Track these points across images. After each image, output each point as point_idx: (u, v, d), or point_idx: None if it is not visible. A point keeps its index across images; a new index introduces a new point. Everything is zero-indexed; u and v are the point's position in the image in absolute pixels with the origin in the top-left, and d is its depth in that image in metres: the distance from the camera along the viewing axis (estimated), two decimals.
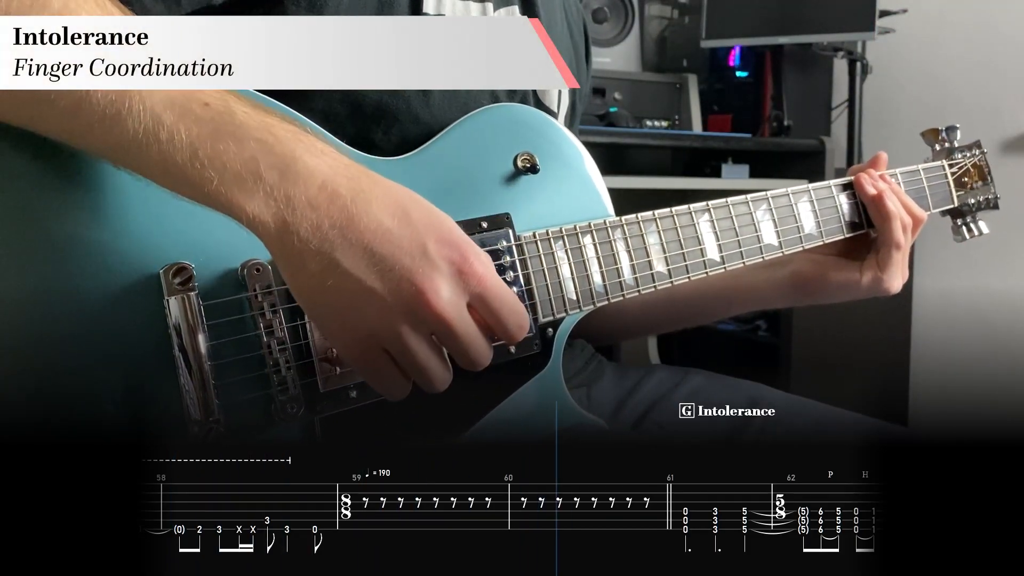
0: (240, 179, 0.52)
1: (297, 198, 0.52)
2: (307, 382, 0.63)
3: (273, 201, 0.52)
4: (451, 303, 0.53)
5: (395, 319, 0.53)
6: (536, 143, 0.74)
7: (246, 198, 0.52)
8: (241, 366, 0.61)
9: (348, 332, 0.54)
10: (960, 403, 2.18)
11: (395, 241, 0.52)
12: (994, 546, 0.58)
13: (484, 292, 0.55)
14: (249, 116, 0.53)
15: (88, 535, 0.55)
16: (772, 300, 0.92)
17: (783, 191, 0.83)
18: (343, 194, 0.52)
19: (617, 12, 2.24)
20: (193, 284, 0.59)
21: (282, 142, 0.53)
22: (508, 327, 0.57)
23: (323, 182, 0.52)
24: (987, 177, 0.98)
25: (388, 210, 0.53)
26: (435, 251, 0.53)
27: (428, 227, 0.53)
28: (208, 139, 0.52)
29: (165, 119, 0.52)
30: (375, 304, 0.53)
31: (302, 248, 0.52)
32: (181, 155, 0.52)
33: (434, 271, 0.53)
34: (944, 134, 0.97)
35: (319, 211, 0.52)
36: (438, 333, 0.55)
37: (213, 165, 0.52)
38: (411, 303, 0.53)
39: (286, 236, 0.52)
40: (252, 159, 0.52)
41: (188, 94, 0.53)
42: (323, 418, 0.64)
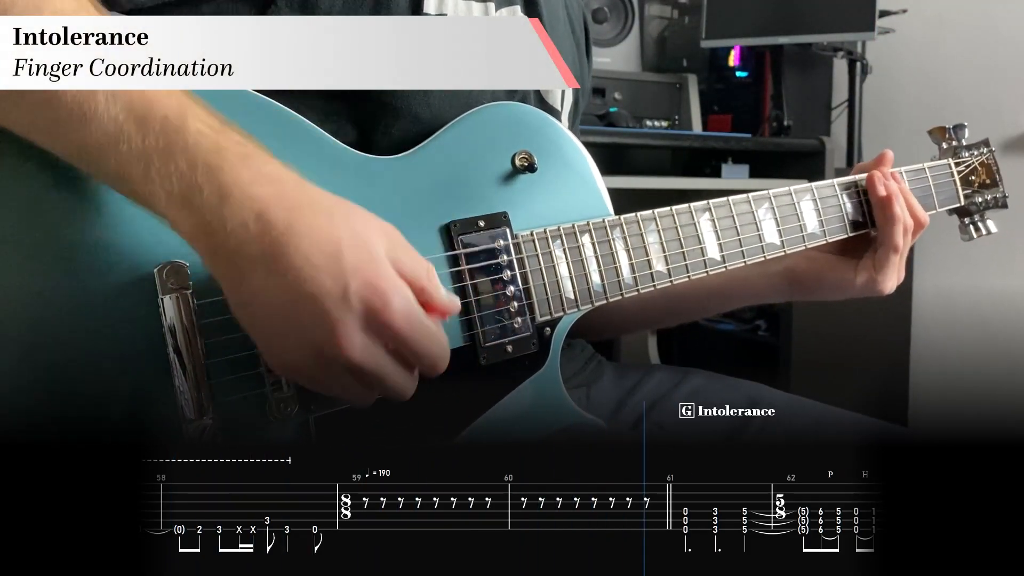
0: (185, 199, 0.53)
1: (232, 228, 0.52)
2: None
3: (210, 226, 0.52)
4: (363, 347, 0.53)
5: (312, 356, 0.54)
6: (534, 142, 0.74)
7: (186, 219, 0.53)
8: (235, 365, 0.61)
9: (275, 356, 0.56)
10: (960, 403, 2.18)
11: (318, 281, 0.52)
12: (994, 546, 0.58)
13: (399, 336, 0.54)
14: (202, 136, 0.53)
15: (87, 535, 0.55)
16: (766, 295, 0.92)
17: (785, 189, 0.83)
18: (277, 226, 0.52)
19: (617, 12, 2.24)
20: (188, 283, 0.59)
21: (229, 168, 0.53)
22: (424, 366, 0.57)
23: (260, 212, 0.52)
24: (995, 176, 0.97)
25: (319, 246, 0.53)
26: (355, 295, 0.52)
27: (355, 269, 0.53)
28: (161, 155, 0.52)
29: (125, 129, 0.53)
30: (294, 338, 0.54)
31: (232, 275, 0.53)
32: (136, 168, 0.53)
33: (350, 316, 0.52)
34: (951, 132, 0.96)
35: (251, 243, 0.52)
36: (353, 375, 0.55)
37: (163, 183, 0.52)
38: (325, 345, 0.53)
39: (219, 261, 0.53)
40: (197, 184, 0.52)
41: (150, 103, 0.53)
42: (318, 417, 0.64)
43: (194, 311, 0.59)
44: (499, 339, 0.70)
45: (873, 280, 0.86)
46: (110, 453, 0.56)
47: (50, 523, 0.54)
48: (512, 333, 0.70)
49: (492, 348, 0.70)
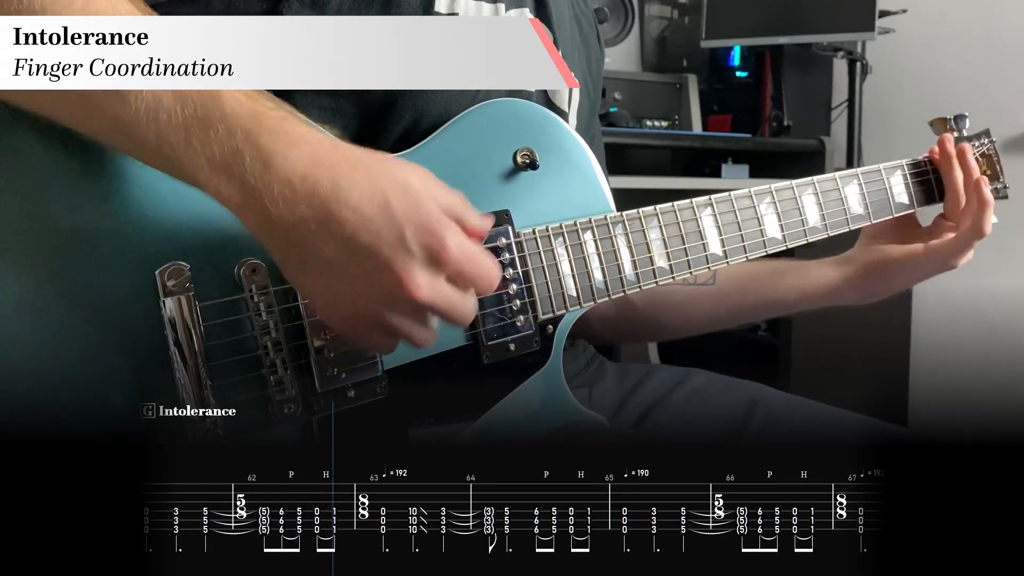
0: (227, 168, 0.53)
1: (279, 191, 0.53)
2: (304, 382, 0.63)
3: (257, 193, 0.53)
4: (429, 287, 0.55)
5: (379, 303, 0.56)
6: (536, 138, 0.74)
7: (232, 188, 0.54)
8: (238, 367, 0.61)
9: (336, 312, 0.57)
10: (960, 403, 2.18)
11: (374, 231, 0.54)
12: (994, 546, 0.58)
13: (458, 269, 0.57)
14: (238, 103, 0.54)
15: (89, 535, 0.55)
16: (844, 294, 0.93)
17: (787, 184, 0.83)
18: (324, 185, 0.54)
19: (617, 12, 2.24)
20: (189, 285, 0.59)
21: (267, 132, 0.54)
22: (481, 287, 0.59)
23: (304, 174, 0.54)
24: (996, 167, 0.97)
25: (367, 198, 0.54)
26: (412, 239, 0.55)
27: (406, 215, 0.55)
28: (201, 124, 0.53)
29: (164, 99, 0.53)
30: (358, 290, 0.55)
31: (285, 238, 0.54)
32: (176, 137, 0.53)
33: (412, 260, 0.55)
34: (952, 123, 0.96)
35: (300, 204, 0.53)
36: (420, 312, 0.57)
37: (204, 152, 0.53)
38: (392, 290, 0.55)
39: (270, 227, 0.54)
40: (238, 150, 0.53)
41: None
42: (320, 418, 0.64)
43: (195, 313, 0.59)
44: (501, 338, 0.70)
45: (947, 265, 0.89)
46: (109, 453, 0.56)
47: (48, 522, 0.54)
48: (514, 331, 0.70)
49: (494, 347, 0.70)
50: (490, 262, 0.59)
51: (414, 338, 0.58)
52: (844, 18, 2.10)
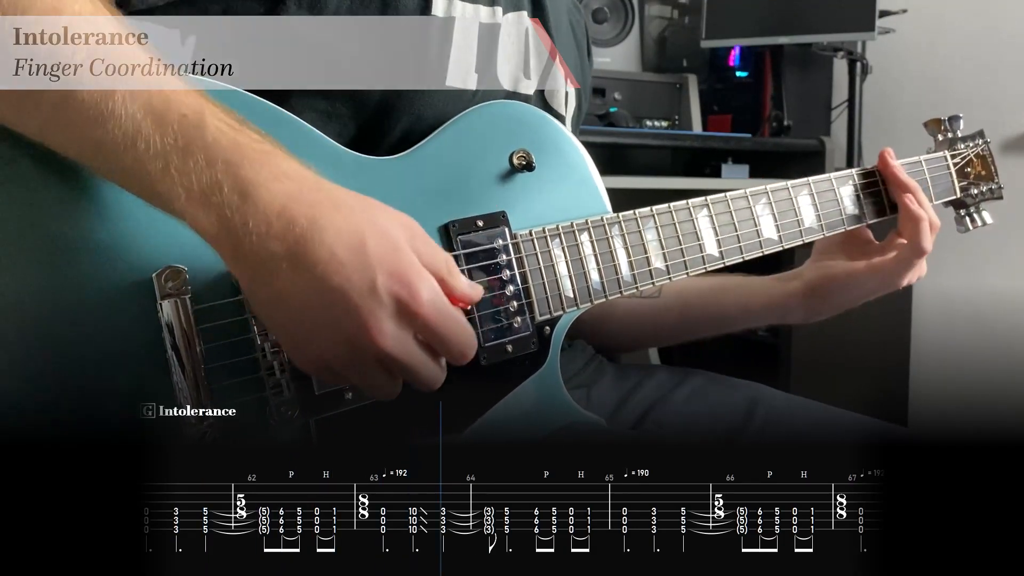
0: (204, 198, 0.52)
1: (254, 224, 0.52)
2: (302, 385, 0.63)
3: (232, 225, 0.52)
4: (395, 338, 0.54)
5: (342, 349, 0.54)
6: (532, 140, 0.74)
7: (209, 219, 0.53)
8: (235, 370, 0.61)
9: (299, 352, 0.56)
10: (960, 403, 2.18)
11: (344, 274, 0.53)
12: (994, 546, 0.57)
13: (427, 325, 0.55)
14: (221, 133, 0.53)
15: (87, 535, 0.54)
16: (786, 308, 0.92)
17: (782, 184, 0.83)
18: (300, 222, 0.52)
19: (617, 12, 2.24)
20: (186, 288, 0.59)
21: (249, 164, 0.53)
22: (452, 354, 0.58)
23: (281, 209, 0.53)
24: (991, 167, 0.97)
25: (343, 241, 0.53)
26: (383, 287, 0.53)
27: (381, 261, 0.53)
28: (180, 153, 0.52)
29: (144, 127, 0.52)
30: (322, 334, 0.54)
31: (255, 273, 0.53)
32: (154, 166, 0.52)
33: (380, 308, 0.53)
34: (947, 124, 0.96)
35: (274, 239, 0.52)
36: (384, 365, 0.56)
37: (182, 181, 0.52)
38: (356, 338, 0.54)
39: (241, 260, 0.53)
40: (216, 181, 0.52)
41: (167, 102, 0.53)
42: (318, 420, 0.64)
43: (193, 315, 0.59)
44: (499, 339, 0.70)
45: (890, 284, 0.88)
46: (107, 456, 0.56)
47: (48, 523, 0.54)
48: (512, 333, 0.70)
49: (492, 348, 0.70)
50: (466, 329, 0.58)
51: (376, 390, 0.57)
52: (844, 18, 2.10)
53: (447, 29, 0.74)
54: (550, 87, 0.86)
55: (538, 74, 0.85)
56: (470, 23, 0.76)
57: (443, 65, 0.74)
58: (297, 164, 0.56)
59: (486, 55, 0.77)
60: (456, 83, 0.75)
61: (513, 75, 0.81)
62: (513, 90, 0.81)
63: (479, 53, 0.76)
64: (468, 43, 0.75)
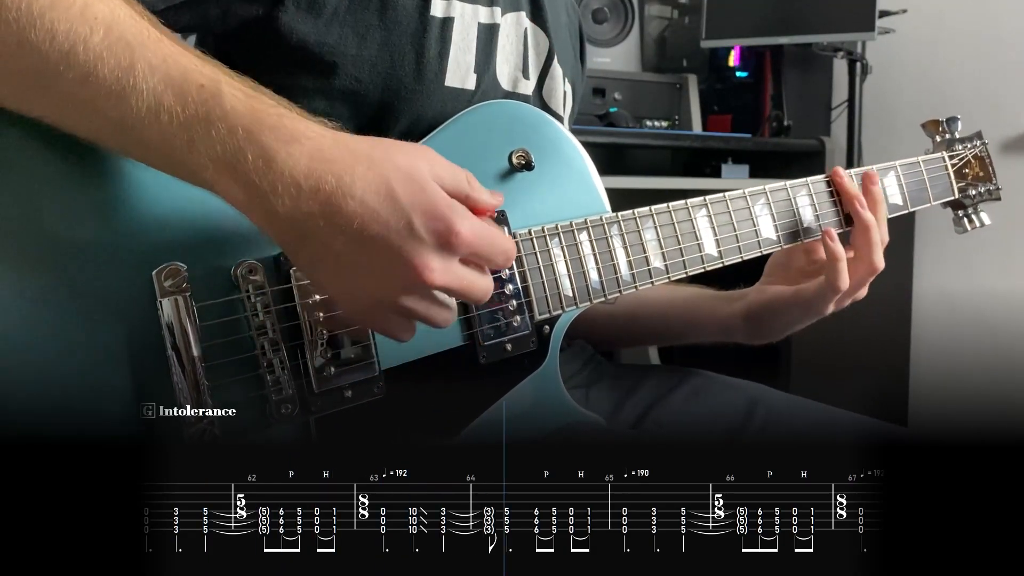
0: (231, 167, 0.53)
1: (283, 188, 0.53)
2: (301, 382, 0.63)
3: (261, 191, 0.53)
4: (443, 271, 0.56)
5: (395, 291, 0.56)
6: (531, 140, 0.74)
7: (238, 187, 0.54)
8: (235, 367, 0.61)
9: (352, 303, 0.58)
10: (960, 403, 2.18)
11: (382, 221, 0.54)
12: (994, 546, 0.57)
13: (471, 250, 0.57)
14: (237, 100, 0.54)
15: (87, 535, 0.54)
16: (729, 328, 0.90)
17: (781, 185, 0.83)
18: (327, 180, 0.54)
19: (617, 12, 2.24)
20: (186, 286, 0.59)
21: (268, 130, 0.54)
22: (498, 263, 0.60)
23: (307, 170, 0.54)
24: (988, 168, 0.97)
25: (372, 190, 0.54)
26: (421, 226, 0.55)
27: (413, 203, 0.55)
28: (202, 123, 0.53)
29: (165, 100, 0.53)
30: (373, 281, 0.56)
31: (294, 235, 0.54)
32: (179, 138, 0.53)
33: (423, 246, 0.55)
34: (944, 125, 0.96)
35: (306, 200, 0.53)
36: (437, 296, 0.58)
37: (207, 151, 0.53)
38: (407, 278, 0.55)
39: (277, 224, 0.54)
40: (240, 148, 0.53)
41: (185, 73, 0.54)
42: (318, 418, 0.63)
43: (192, 313, 0.59)
44: (498, 338, 0.70)
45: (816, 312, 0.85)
46: (107, 455, 0.56)
47: (51, 523, 0.54)
48: (511, 332, 0.70)
49: (491, 347, 0.70)
50: (502, 237, 0.60)
51: (433, 320, 0.59)
52: (844, 18, 2.10)
53: (446, 29, 0.74)
54: (548, 87, 0.86)
55: (537, 74, 0.85)
56: (469, 23, 0.76)
57: (442, 65, 0.74)
58: (311, 123, 0.57)
59: (485, 55, 0.77)
60: (455, 83, 0.75)
61: (512, 75, 0.81)
62: (512, 90, 0.81)
63: (478, 53, 0.76)
64: (467, 43, 0.75)
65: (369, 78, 0.71)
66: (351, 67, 0.70)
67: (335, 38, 0.69)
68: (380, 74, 0.71)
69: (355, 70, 0.70)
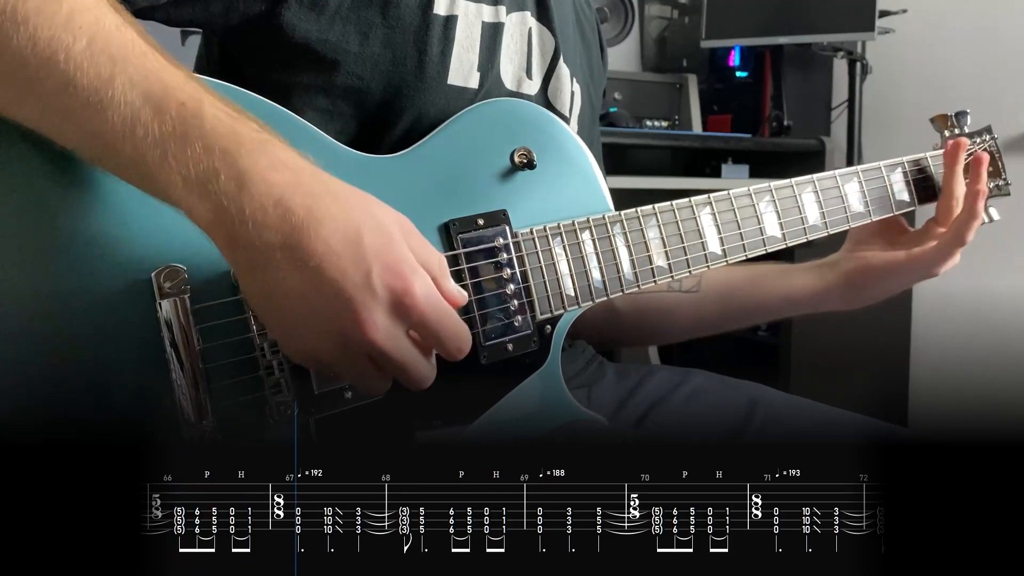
0: (201, 186, 0.52)
1: (250, 213, 0.52)
2: (301, 384, 0.62)
3: (228, 213, 0.52)
4: (387, 333, 0.54)
5: (334, 342, 0.54)
6: (533, 138, 0.73)
7: (205, 207, 0.52)
8: (234, 369, 0.61)
9: (290, 343, 0.56)
10: (960, 403, 2.18)
11: (340, 266, 0.52)
12: (995, 546, 0.57)
13: (422, 320, 0.55)
14: (219, 122, 0.53)
15: (87, 535, 0.54)
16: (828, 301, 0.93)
17: (787, 182, 0.83)
18: (297, 212, 0.52)
19: (617, 12, 2.25)
20: (185, 287, 0.59)
21: (247, 154, 0.53)
22: (448, 350, 0.58)
23: (279, 199, 0.52)
24: (998, 163, 0.96)
25: (339, 232, 0.53)
26: (378, 280, 0.53)
27: (376, 254, 0.53)
28: (179, 141, 0.52)
29: (143, 114, 0.52)
30: (315, 325, 0.54)
31: (251, 263, 0.53)
32: (152, 154, 0.52)
33: (373, 301, 0.53)
34: (954, 120, 0.95)
35: (270, 228, 0.52)
36: (375, 359, 0.55)
37: (179, 169, 0.52)
38: (349, 330, 0.53)
39: (236, 249, 0.53)
40: (214, 169, 0.52)
41: (166, 90, 0.53)
42: (318, 419, 0.63)
43: (191, 315, 0.59)
44: (499, 338, 0.70)
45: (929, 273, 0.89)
46: (106, 456, 0.56)
47: (49, 523, 0.54)
48: (512, 331, 0.70)
49: (492, 347, 0.69)
50: (460, 324, 0.58)
51: (365, 384, 0.57)
52: (844, 18, 2.10)
53: (449, 27, 0.73)
54: (554, 87, 0.86)
55: (541, 75, 0.85)
56: (472, 21, 0.75)
57: (444, 63, 0.73)
58: (295, 154, 0.55)
59: (489, 54, 0.77)
60: (457, 81, 0.74)
61: (516, 75, 0.81)
62: (516, 90, 0.81)
63: (481, 52, 0.76)
64: (470, 42, 0.75)
65: (371, 76, 0.70)
66: (353, 65, 0.70)
67: (337, 35, 0.69)
68: (382, 72, 0.71)
69: (357, 68, 0.70)
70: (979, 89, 2.22)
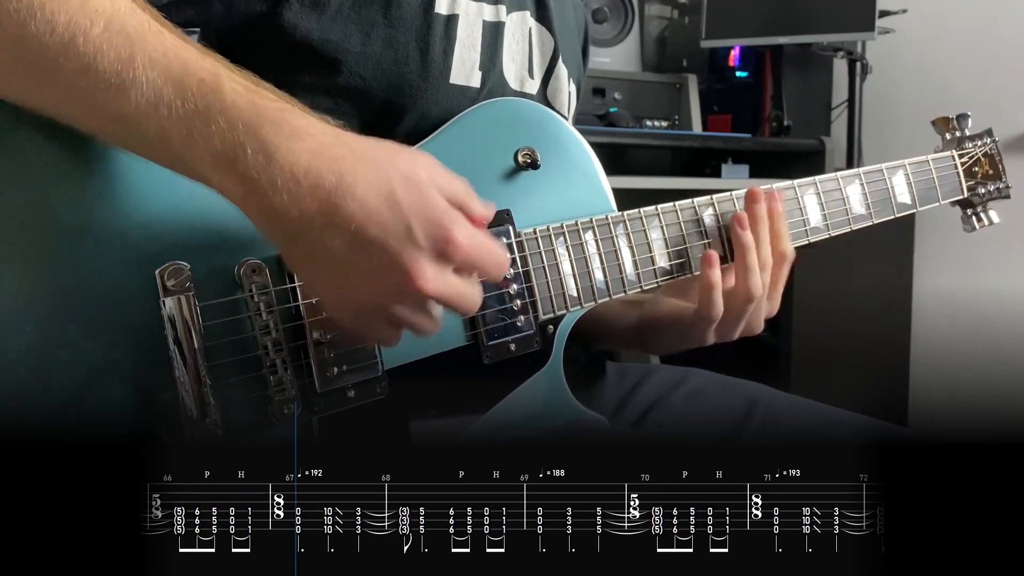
0: (229, 162, 0.53)
1: (283, 184, 0.53)
2: (304, 382, 0.62)
3: (260, 187, 0.53)
4: (437, 279, 0.56)
5: (386, 297, 0.56)
6: (537, 138, 0.73)
7: (235, 182, 0.53)
8: (238, 367, 0.61)
9: (342, 306, 0.57)
10: (960, 403, 2.18)
11: (381, 223, 0.54)
12: (995, 546, 0.57)
13: (466, 259, 0.57)
14: (238, 95, 0.54)
15: (86, 535, 0.54)
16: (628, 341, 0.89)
17: (790, 184, 0.83)
18: (328, 178, 0.53)
19: (617, 12, 2.24)
20: (189, 284, 0.59)
21: (269, 125, 0.54)
22: (492, 276, 0.60)
23: (307, 167, 0.53)
24: (999, 166, 0.96)
25: (373, 191, 0.54)
26: (420, 232, 0.55)
27: (412, 207, 0.55)
28: (201, 117, 0.53)
29: (165, 93, 0.53)
30: (365, 284, 0.55)
31: (290, 232, 0.54)
32: (178, 132, 0.53)
33: (419, 253, 0.55)
34: (955, 122, 0.95)
35: (304, 197, 0.53)
36: (427, 305, 0.57)
37: (206, 146, 0.53)
38: (399, 283, 0.55)
39: (274, 221, 0.54)
40: (240, 143, 0.53)
41: (185, 67, 0.54)
42: (321, 418, 0.64)
43: (195, 313, 0.59)
44: (502, 338, 0.70)
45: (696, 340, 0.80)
46: (108, 454, 0.56)
47: (48, 523, 0.54)
48: (515, 332, 0.70)
49: (495, 347, 0.70)
50: (498, 248, 0.59)
51: (420, 328, 0.58)
52: (844, 18, 2.10)
53: (450, 26, 0.74)
54: (553, 87, 0.86)
55: (541, 74, 0.85)
56: (473, 20, 0.75)
57: (447, 62, 0.73)
58: (314, 119, 0.56)
59: (490, 53, 0.77)
60: (460, 80, 0.74)
61: (519, 74, 0.81)
62: (519, 89, 0.81)
63: (483, 51, 0.76)
64: (472, 40, 0.75)
65: (373, 75, 0.71)
66: (355, 64, 0.70)
67: (339, 35, 0.69)
68: (384, 71, 0.71)
69: (359, 67, 0.70)
70: (979, 89, 2.22)
